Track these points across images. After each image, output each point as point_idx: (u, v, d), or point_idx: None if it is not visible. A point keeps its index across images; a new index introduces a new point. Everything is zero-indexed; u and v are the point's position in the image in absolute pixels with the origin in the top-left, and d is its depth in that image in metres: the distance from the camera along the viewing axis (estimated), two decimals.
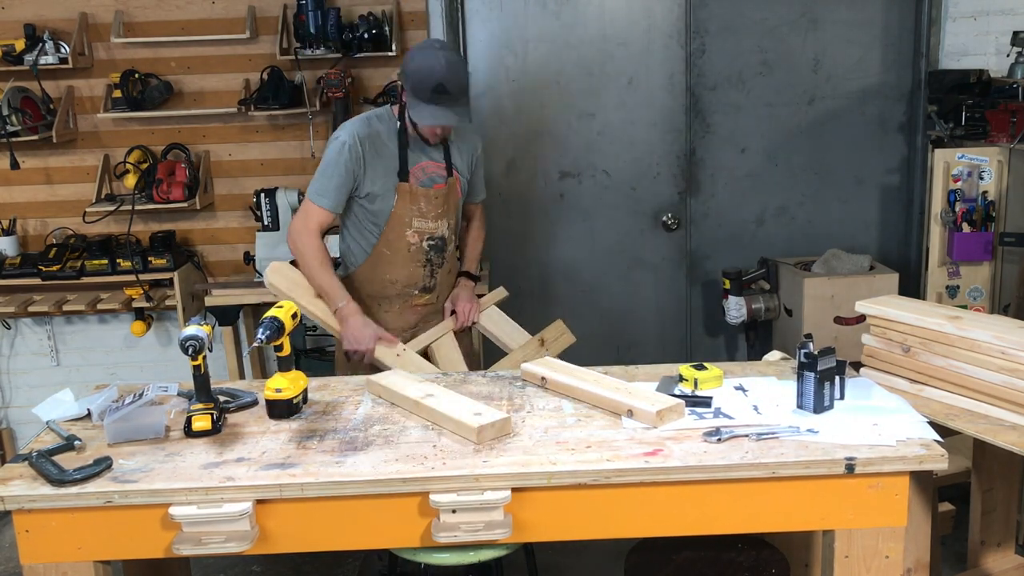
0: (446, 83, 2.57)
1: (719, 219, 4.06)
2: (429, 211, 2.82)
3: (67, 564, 1.93)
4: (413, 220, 2.81)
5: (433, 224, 2.84)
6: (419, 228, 2.82)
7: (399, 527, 1.91)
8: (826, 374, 2.10)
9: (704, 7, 3.86)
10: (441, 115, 2.62)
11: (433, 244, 2.87)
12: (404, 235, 2.81)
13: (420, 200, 2.79)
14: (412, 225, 2.81)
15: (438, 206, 2.83)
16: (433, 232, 2.85)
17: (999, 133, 3.37)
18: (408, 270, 2.86)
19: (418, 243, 2.84)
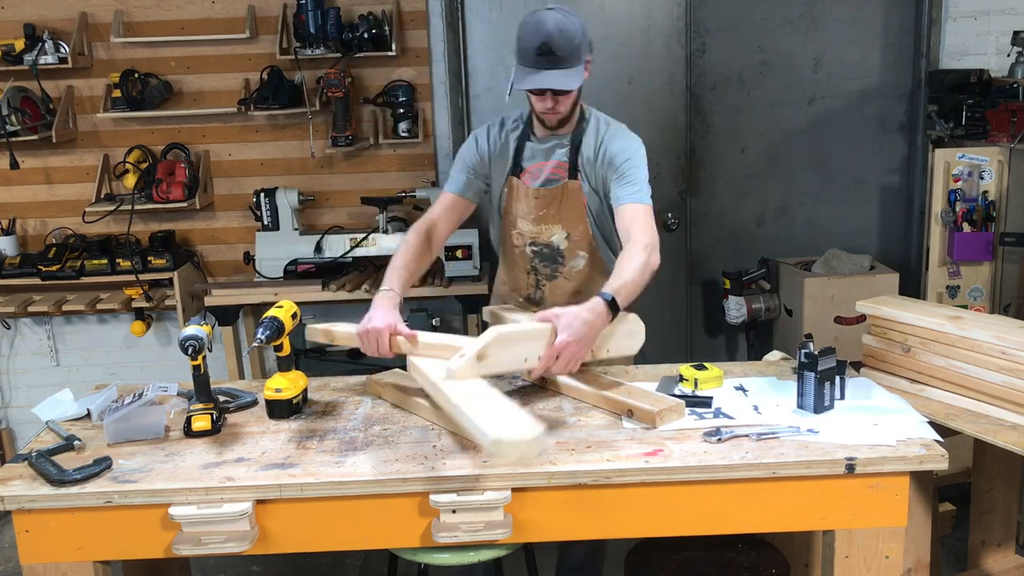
0: (552, 43, 2.26)
1: (719, 219, 4.06)
2: (530, 212, 2.55)
3: (67, 564, 1.93)
4: (518, 220, 2.59)
5: (536, 228, 2.57)
6: (522, 230, 2.60)
7: (399, 527, 1.91)
8: (826, 374, 2.10)
9: (704, 7, 3.85)
10: (543, 78, 2.29)
11: (538, 251, 2.60)
12: (510, 234, 2.63)
13: (522, 199, 2.56)
14: (516, 225, 2.60)
15: (541, 208, 2.54)
16: (537, 237, 2.58)
17: (999, 133, 3.37)
18: (514, 273, 2.68)
19: (521, 246, 2.62)
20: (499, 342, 2.06)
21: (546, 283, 2.63)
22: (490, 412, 1.81)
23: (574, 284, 2.61)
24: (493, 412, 1.81)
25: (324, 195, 3.95)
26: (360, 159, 3.93)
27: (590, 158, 2.51)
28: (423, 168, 3.92)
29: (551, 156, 2.53)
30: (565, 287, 2.61)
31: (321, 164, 3.92)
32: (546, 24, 2.29)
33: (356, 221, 3.96)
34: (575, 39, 2.31)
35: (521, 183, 2.55)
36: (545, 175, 2.54)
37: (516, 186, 2.56)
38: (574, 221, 2.54)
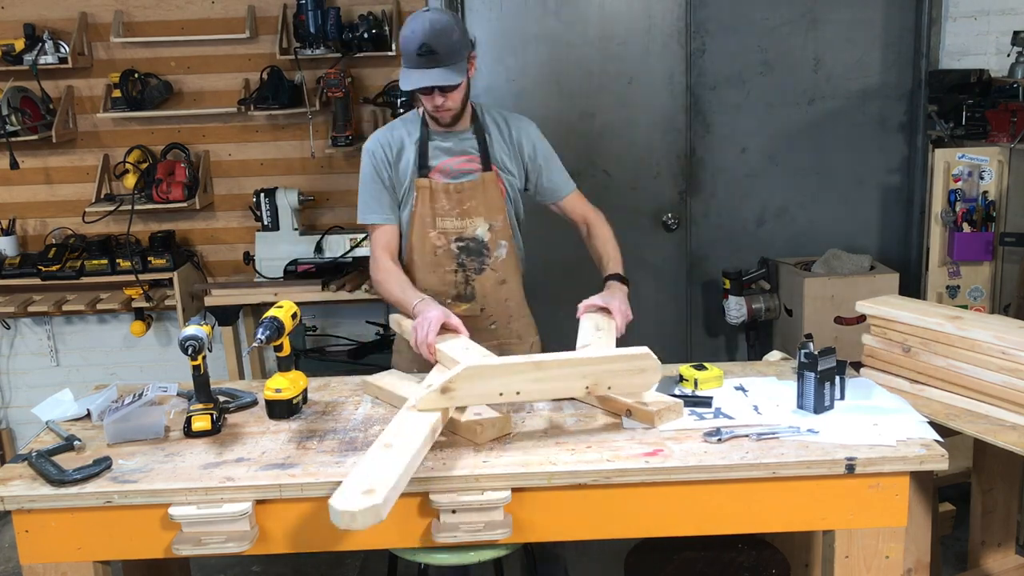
0: (431, 43, 2.32)
1: (719, 219, 4.06)
2: (453, 208, 2.57)
3: (67, 564, 1.93)
4: (436, 219, 2.58)
5: (460, 223, 2.58)
6: (444, 228, 2.58)
7: (399, 527, 1.91)
8: (826, 374, 2.10)
9: (704, 7, 3.85)
10: (425, 76, 2.35)
11: (464, 246, 2.60)
12: (427, 236, 2.59)
13: (441, 196, 2.56)
14: (435, 225, 2.58)
15: (463, 202, 2.57)
16: (462, 232, 2.59)
17: (999, 133, 3.37)
18: (437, 276, 2.62)
19: (445, 244, 2.60)
20: (467, 376, 1.97)
21: (475, 277, 2.63)
22: (365, 471, 1.75)
23: (499, 274, 2.65)
24: (366, 472, 1.75)
25: (324, 195, 3.95)
26: (359, 159, 3.92)
27: (503, 148, 2.60)
28: None
29: (458, 152, 2.57)
30: (492, 278, 2.64)
31: (321, 164, 3.92)
32: (423, 25, 2.35)
33: (356, 221, 3.95)
34: (452, 36, 2.36)
35: (436, 181, 2.56)
36: (456, 170, 2.57)
37: (430, 186, 2.56)
38: (494, 211, 2.60)
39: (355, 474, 1.73)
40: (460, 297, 2.65)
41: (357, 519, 1.62)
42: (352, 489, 1.68)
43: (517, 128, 2.64)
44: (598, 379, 2.02)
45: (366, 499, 1.64)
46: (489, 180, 2.58)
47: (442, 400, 1.97)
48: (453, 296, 2.64)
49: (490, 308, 2.67)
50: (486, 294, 2.65)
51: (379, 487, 1.67)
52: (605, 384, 2.03)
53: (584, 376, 2.01)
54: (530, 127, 2.66)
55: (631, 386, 2.06)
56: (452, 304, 2.62)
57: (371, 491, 1.66)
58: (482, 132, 2.58)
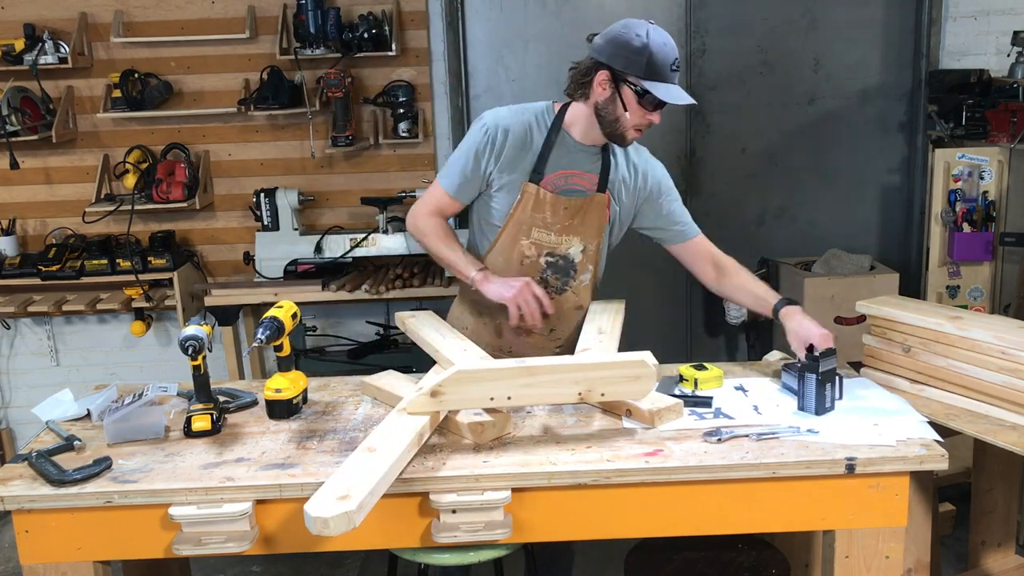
0: (678, 59, 2.28)
1: (719, 219, 4.06)
2: (555, 222, 2.40)
3: (67, 564, 1.92)
4: (533, 229, 2.41)
5: (557, 239, 2.42)
6: (538, 239, 2.42)
7: (399, 527, 1.91)
8: (827, 375, 2.10)
9: (704, 7, 3.85)
10: (684, 95, 2.26)
11: (553, 262, 2.45)
12: (519, 243, 2.42)
13: (546, 207, 2.39)
14: (531, 235, 2.41)
15: (567, 219, 2.41)
16: (555, 248, 2.43)
17: (999, 133, 3.37)
18: None
19: (534, 257, 2.44)
20: (458, 380, 1.95)
21: (555, 296, 2.47)
22: (343, 476, 1.74)
23: (578, 298, 2.52)
24: (344, 477, 1.74)
25: (324, 195, 3.95)
26: (360, 159, 3.93)
27: (625, 178, 2.47)
28: (423, 168, 3.92)
29: (578, 166, 2.41)
30: (571, 301, 2.51)
31: (321, 164, 3.92)
32: (673, 42, 2.29)
33: (356, 221, 3.96)
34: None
35: (543, 191, 2.39)
36: (568, 184, 2.41)
37: (537, 193, 2.39)
38: (592, 235, 2.46)
39: (333, 479, 1.73)
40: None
41: (330, 525, 1.61)
42: (328, 494, 1.67)
43: (644, 162, 2.52)
44: (591, 386, 1.99)
45: (340, 505, 1.63)
46: (598, 202, 2.43)
47: (432, 404, 1.96)
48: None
49: (560, 331, 2.53)
50: (561, 316, 2.49)
51: (355, 493, 1.67)
52: (598, 391, 2.00)
53: (577, 382, 1.99)
54: (658, 166, 2.55)
55: (625, 394, 2.04)
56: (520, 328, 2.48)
57: (346, 497, 1.66)
58: (608, 154, 2.44)
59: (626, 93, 2.28)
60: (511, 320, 2.34)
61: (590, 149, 2.42)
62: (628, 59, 2.26)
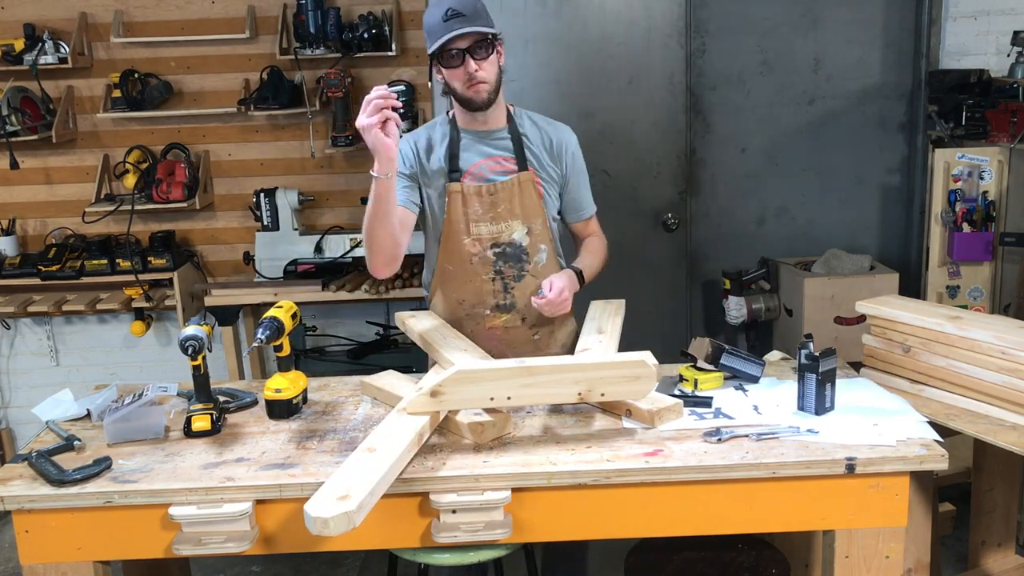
0: (457, 7, 2.23)
1: (719, 219, 4.06)
2: (486, 212, 2.43)
3: (67, 564, 1.93)
4: (470, 225, 2.44)
5: (496, 227, 2.44)
6: (478, 234, 2.45)
7: (399, 527, 1.91)
8: (827, 375, 2.10)
9: (704, 7, 3.85)
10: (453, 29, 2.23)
11: (501, 252, 2.46)
12: (462, 244, 2.45)
13: (473, 200, 2.42)
14: (469, 232, 2.44)
15: (499, 204, 2.43)
16: (498, 237, 2.45)
17: (999, 133, 3.37)
18: (473, 285, 2.48)
19: (480, 251, 2.46)
20: (458, 380, 1.95)
21: (514, 284, 2.49)
22: (343, 476, 1.75)
23: (540, 280, 2.46)
24: (344, 477, 1.74)
25: (324, 195, 3.95)
26: (360, 159, 3.93)
27: (541, 149, 2.49)
28: None
29: (490, 152, 2.45)
30: (533, 285, 2.48)
31: (321, 164, 3.92)
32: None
33: (356, 221, 3.96)
34: (478, 4, 2.29)
35: (467, 185, 2.43)
36: (489, 172, 2.45)
37: (461, 190, 2.43)
38: (532, 214, 2.47)
39: (333, 479, 1.73)
40: (500, 307, 2.51)
41: (329, 525, 1.62)
42: (328, 494, 1.68)
43: (558, 135, 2.53)
44: (591, 386, 2.00)
45: (340, 505, 1.64)
46: (525, 180, 2.45)
47: (432, 404, 1.97)
48: (492, 307, 2.51)
49: (532, 318, 2.52)
50: (527, 303, 2.48)
51: (354, 493, 1.67)
52: (598, 391, 2.00)
53: (577, 382, 1.99)
54: (571, 137, 2.56)
55: (625, 394, 2.04)
56: (491, 316, 2.51)
57: (346, 497, 1.66)
58: (517, 132, 2.46)
59: (436, 66, 2.35)
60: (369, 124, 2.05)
61: (493, 133, 2.46)
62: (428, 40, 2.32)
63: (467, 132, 2.45)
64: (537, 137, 2.50)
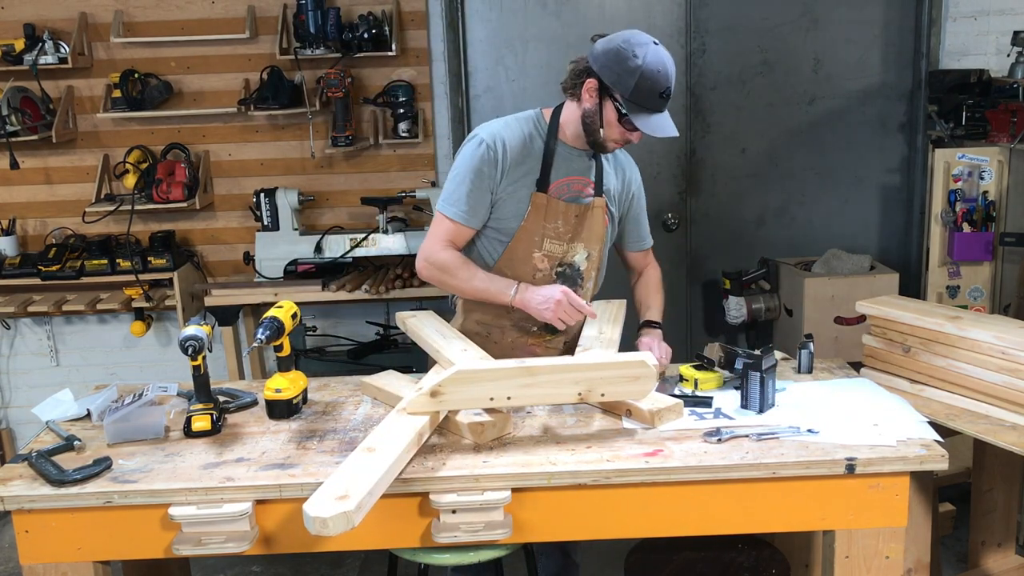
0: (671, 88, 2.20)
1: (719, 219, 4.06)
2: (565, 231, 2.37)
3: (67, 564, 1.93)
4: (544, 241, 2.36)
5: (565, 247, 2.39)
6: (550, 251, 2.38)
7: (399, 527, 1.91)
8: (769, 372, 2.11)
9: (704, 7, 3.85)
10: (668, 125, 2.23)
11: (563, 272, 2.41)
12: (531, 256, 2.37)
13: (558, 217, 2.35)
14: (543, 246, 2.37)
15: (574, 226, 2.38)
16: (564, 257, 2.40)
17: (999, 133, 3.37)
18: None
19: (547, 269, 2.39)
20: (458, 380, 1.95)
21: None
22: (342, 476, 1.74)
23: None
24: (343, 477, 1.74)
25: (324, 195, 3.95)
26: (360, 159, 3.93)
27: (615, 182, 2.46)
28: (423, 168, 3.92)
29: (576, 171, 2.38)
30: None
31: (321, 164, 3.92)
32: (671, 69, 2.20)
33: (356, 221, 3.96)
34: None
35: (553, 200, 2.35)
36: (571, 191, 2.38)
37: (547, 203, 2.34)
38: (595, 240, 2.43)
39: (333, 479, 1.73)
40: (548, 327, 2.42)
41: (328, 525, 1.62)
42: (326, 494, 1.68)
43: (627, 165, 2.52)
44: (591, 386, 2.00)
45: (339, 505, 1.64)
46: (598, 207, 2.41)
47: (432, 404, 1.97)
48: (541, 325, 2.42)
49: (572, 343, 2.46)
50: (571, 327, 2.39)
51: (354, 493, 1.67)
52: (598, 391, 2.01)
53: (577, 382, 1.99)
54: (636, 171, 2.55)
55: (625, 394, 2.05)
56: (537, 334, 2.46)
57: (345, 496, 1.66)
58: (600, 157, 2.42)
59: (608, 108, 2.25)
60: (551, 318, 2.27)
61: (585, 152, 2.40)
62: (618, 76, 2.20)
63: (563, 145, 2.37)
64: (611, 166, 2.47)
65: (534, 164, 2.34)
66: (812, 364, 2.40)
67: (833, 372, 2.42)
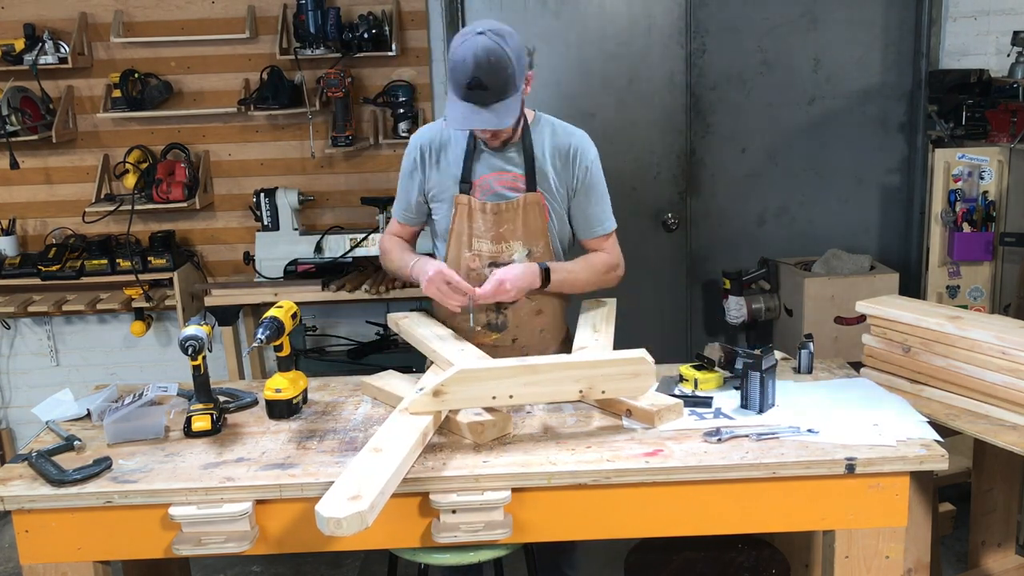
0: (482, 77, 2.12)
1: (719, 219, 4.06)
2: (488, 230, 2.38)
3: (67, 564, 1.93)
4: (472, 240, 2.39)
5: (495, 247, 2.39)
6: (479, 250, 2.40)
7: (399, 527, 1.91)
8: (769, 372, 2.11)
9: (704, 7, 3.85)
10: (472, 117, 2.17)
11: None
12: (462, 257, 2.41)
13: (478, 217, 2.37)
14: (472, 246, 2.40)
15: (501, 224, 2.37)
16: (498, 256, 2.39)
17: (999, 133, 3.37)
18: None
19: (479, 267, 2.40)
20: (460, 379, 1.96)
21: (508, 305, 2.42)
22: (352, 476, 1.75)
23: (536, 303, 2.46)
24: (354, 477, 1.74)
25: (324, 195, 3.95)
26: (360, 159, 3.93)
27: (555, 164, 2.39)
28: None
29: (502, 166, 2.38)
30: (527, 307, 2.44)
31: (321, 164, 3.92)
32: (475, 54, 2.12)
33: (356, 221, 3.96)
34: (507, 70, 2.15)
35: (474, 200, 2.37)
36: (497, 187, 2.38)
37: (469, 204, 2.38)
38: (535, 236, 2.40)
39: (342, 479, 1.74)
40: (491, 326, 2.46)
41: (343, 525, 1.62)
42: (339, 495, 1.68)
43: (575, 142, 2.41)
44: (592, 383, 2.02)
45: (352, 505, 1.64)
46: (531, 203, 2.37)
47: (434, 403, 1.97)
48: (484, 324, 2.45)
49: (524, 339, 2.47)
50: (519, 324, 2.45)
51: (366, 493, 1.68)
52: (599, 388, 2.02)
53: (577, 380, 2.01)
54: (589, 147, 2.43)
55: (625, 390, 2.07)
56: (481, 333, 2.46)
57: (357, 497, 1.67)
58: (531, 149, 2.37)
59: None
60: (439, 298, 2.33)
61: (507, 147, 2.38)
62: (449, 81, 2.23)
63: (483, 143, 2.38)
64: (552, 148, 2.39)
65: (457, 165, 2.40)
66: (812, 364, 2.40)
67: (833, 372, 2.42)
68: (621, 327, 2.54)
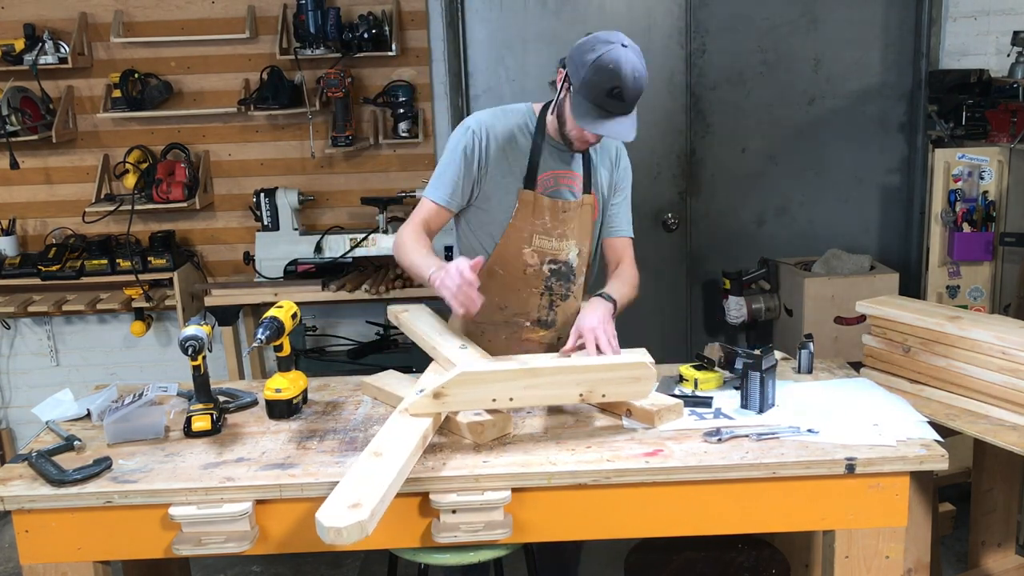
0: (625, 90, 2.13)
1: (719, 219, 4.06)
2: (554, 228, 2.37)
3: (67, 564, 1.93)
4: (534, 236, 2.36)
5: (557, 244, 2.38)
6: (540, 247, 2.37)
7: (399, 527, 1.91)
8: (769, 372, 2.10)
9: (704, 7, 3.85)
10: (608, 124, 2.17)
11: (556, 269, 2.40)
12: (521, 253, 2.37)
13: (545, 213, 2.35)
14: (532, 242, 2.36)
15: (565, 224, 2.38)
16: (556, 255, 2.39)
17: (999, 133, 3.37)
18: (521, 296, 2.41)
19: (537, 265, 2.39)
20: (461, 381, 1.96)
21: (560, 303, 2.44)
22: (352, 483, 1.73)
23: (578, 303, 2.47)
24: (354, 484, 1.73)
25: (324, 195, 3.95)
26: (360, 159, 3.93)
27: (604, 167, 2.44)
28: (423, 168, 3.92)
29: (563, 165, 2.38)
30: (573, 307, 2.46)
31: (321, 164, 3.92)
32: (625, 68, 2.12)
33: (356, 221, 3.96)
34: (644, 89, 2.18)
35: (541, 197, 2.35)
36: (557, 185, 2.38)
37: (534, 200, 2.34)
38: (585, 237, 2.43)
39: (342, 486, 1.73)
40: (541, 322, 2.45)
41: (343, 534, 1.61)
42: (339, 503, 1.67)
43: (619, 147, 2.50)
44: (592, 387, 2.02)
45: (353, 514, 1.64)
46: (587, 204, 2.40)
47: (434, 405, 1.97)
48: (534, 320, 2.44)
49: (564, 334, 2.40)
50: (567, 322, 2.40)
51: (366, 501, 1.67)
52: (600, 392, 2.02)
53: (578, 384, 2.01)
54: (624, 149, 2.52)
55: (626, 394, 2.06)
56: (530, 329, 2.45)
57: (358, 505, 1.66)
58: (588, 152, 2.40)
59: (566, 100, 2.25)
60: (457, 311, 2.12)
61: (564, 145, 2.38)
62: (576, 67, 2.17)
63: (550, 139, 2.36)
64: (602, 149, 2.44)
65: (520, 157, 2.35)
66: (812, 364, 2.40)
67: (833, 372, 2.42)
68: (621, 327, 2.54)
